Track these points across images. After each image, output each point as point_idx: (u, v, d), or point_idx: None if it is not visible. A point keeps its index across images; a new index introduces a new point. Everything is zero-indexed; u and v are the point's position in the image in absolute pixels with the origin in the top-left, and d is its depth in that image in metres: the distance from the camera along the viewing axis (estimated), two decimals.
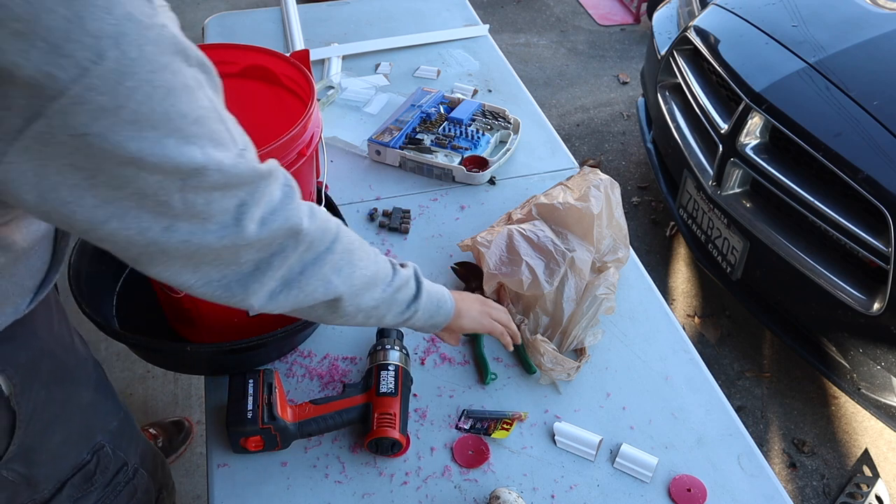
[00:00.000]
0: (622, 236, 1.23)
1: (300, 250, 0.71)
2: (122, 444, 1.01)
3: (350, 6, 2.09)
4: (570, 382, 1.08)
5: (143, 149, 0.53)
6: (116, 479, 1.00)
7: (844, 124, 1.67)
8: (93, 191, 0.54)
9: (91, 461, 0.95)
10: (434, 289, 0.92)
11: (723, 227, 1.96)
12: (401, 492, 0.94)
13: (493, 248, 1.15)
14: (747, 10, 2.11)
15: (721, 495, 0.95)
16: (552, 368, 1.05)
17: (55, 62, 0.47)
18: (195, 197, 0.59)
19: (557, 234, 1.16)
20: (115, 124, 0.51)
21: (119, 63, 0.49)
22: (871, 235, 1.57)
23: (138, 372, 2.02)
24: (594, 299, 1.11)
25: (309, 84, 1.03)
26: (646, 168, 2.90)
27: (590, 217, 1.16)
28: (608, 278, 1.13)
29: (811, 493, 1.85)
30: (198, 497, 1.75)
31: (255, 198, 0.64)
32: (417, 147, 1.47)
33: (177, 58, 0.54)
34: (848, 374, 1.74)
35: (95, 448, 0.95)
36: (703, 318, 2.30)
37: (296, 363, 1.09)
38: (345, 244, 0.77)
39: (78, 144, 0.50)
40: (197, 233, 0.61)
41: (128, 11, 0.49)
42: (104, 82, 0.49)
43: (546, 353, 1.05)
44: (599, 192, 1.20)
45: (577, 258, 1.12)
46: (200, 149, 0.57)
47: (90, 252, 1.08)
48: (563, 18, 4.04)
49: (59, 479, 0.90)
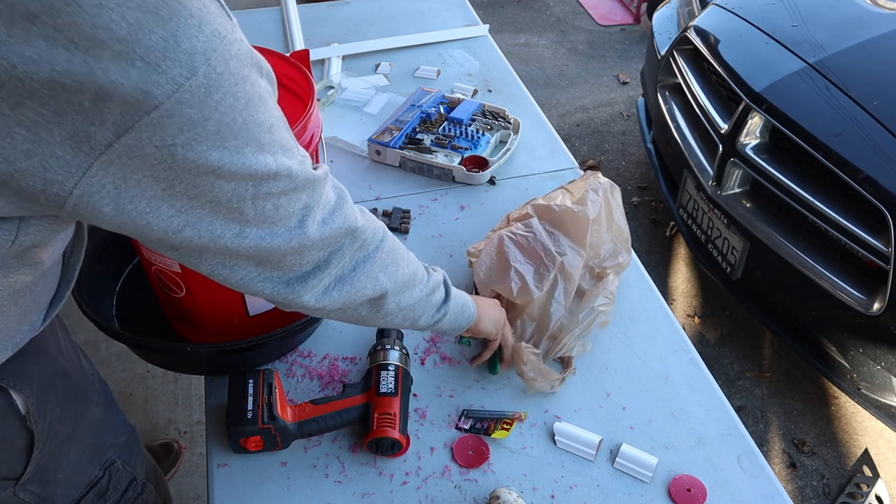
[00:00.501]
0: (623, 240, 1.21)
1: (355, 248, 0.75)
2: (130, 459, 1.01)
3: (350, 6, 2.10)
4: (570, 382, 1.08)
5: (222, 157, 0.55)
6: (127, 495, 1.00)
7: (844, 124, 1.67)
8: (170, 200, 0.56)
9: (103, 477, 0.95)
10: (458, 293, 0.96)
11: (723, 227, 1.96)
12: (401, 492, 0.94)
13: (483, 257, 1.15)
14: (747, 10, 2.11)
15: (721, 495, 0.95)
16: (534, 379, 1.03)
17: (153, 80, 0.48)
18: (265, 203, 0.62)
19: (550, 235, 1.15)
20: (199, 135, 0.52)
21: (208, 77, 0.51)
22: (871, 235, 1.57)
23: (138, 372, 2.02)
24: (591, 311, 1.09)
25: (309, 84, 1.03)
26: (646, 168, 2.90)
27: (585, 221, 1.14)
28: (608, 286, 1.12)
29: (811, 493, 1.85)
30: (198, 497, 1.75)
31: (315, 200, 0.68)
32: (417, 147, 1.47)
33: (253, 70, 0.57)
34: (848, 374, 1.74)
35: (107, 464, 0.95)
36: (703, 318, 2.30)
37: (296, 363, 1.09)
38: (390, 243, 0.81)
39: (162, 156, 0.52)
40: (266, 237, 0.64)
41: (215, 28, 0.51)
42: (194, 96, 0.50)
43: (529, 362, 1.02)
44: (598, 196, 1.18)
45: (568, 263, 1.11)
46: (273, 156, 0.59)
47: (90, 252, 1.08)
48: (563, 18, 4.04)
49: (74, 498, 0.90)
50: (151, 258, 0.97)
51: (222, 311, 1.02)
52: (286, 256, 0.68)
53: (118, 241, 1.11)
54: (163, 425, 1.92)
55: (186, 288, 0.98)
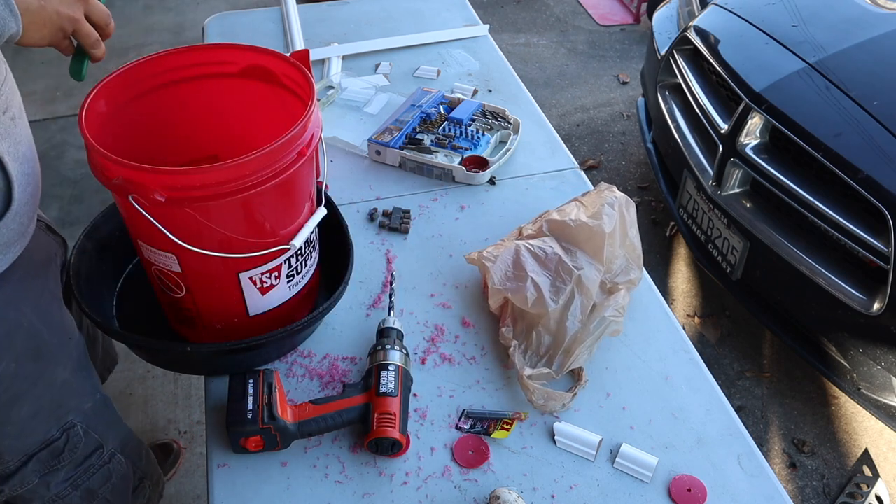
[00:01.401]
0: (636, 257, 1.19)
1: None
2: (97, 427, 1.01)
3: (350, 6, 2.09)
4: (571, 383, 1.08)
5: None
6: (90, 460, 1.01)
7: (844, 124, 1.67)
8: None
9: (60, 438, 0.95)
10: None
11: (723, 227, 1.96)
12: (401, 492, 0.94)
13: (498, 263, 1.13)
14: (747, 10, 2.11)
15: (721, 495, 0.95)
16: (544, 405, 1.02)
17: None
18: None
19: (567, 252, 1.14)
20: None
21: None
22: (871, 235, 1.57)
23: (138, 372, 2.02)
24: (602, 320, 1.08)
25: (309, 84, 1.03)
26: (646, 168, 2.90)
27: (601, 235, 1.13)
28: (618, 301, 1.10)
29: (811, 493, 1.85)
30: (198, 497, 1.76)
31: None
32: (417, 147, 1.47)
33: None
34: (848, 374, 1.74)
35: (66, 426, 0.96)
36: (703, 318, 2.30)
37: (296, 363, 1.09)
38: None
39: None
40: None
41: None
42: None
43: (535, 391, 1.02)
44: (614, 210, 1.17)
45: (585, 277, 1.10)
46: None
47: (90, 252, 1.08)
48: (563, 18, 4.04)
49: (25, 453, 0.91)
50: (151, 258, 0.97)
51: (222, 311, 1.02)
52: None
53: (118, 241, 1.11)
54: (163, 425, 1.92)
55: (186, 288, 0.98)
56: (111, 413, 1.08)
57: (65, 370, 0.94)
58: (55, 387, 0.93)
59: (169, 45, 3.64)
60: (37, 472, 0.93)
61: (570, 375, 1.09)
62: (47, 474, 0.95)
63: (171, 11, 3.95)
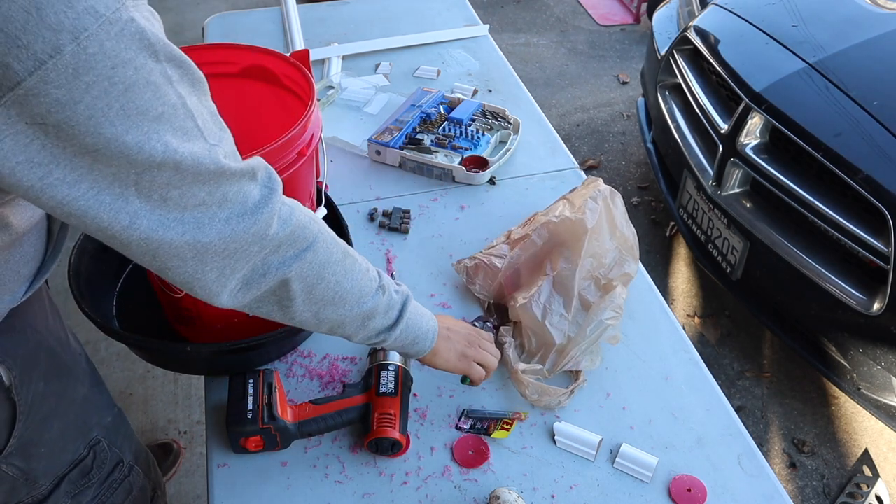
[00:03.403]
0: (628, 248, 1.16)
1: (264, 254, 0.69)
2: (116, 441, 1.01)
3: (350, 6, 2.09)
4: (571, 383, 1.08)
5: (97, 143, 0.52)
6: (113, 475, 1.00)
7: (844, 124, 1.67)
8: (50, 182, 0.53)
9: (88, 456, 0.95)
10: (417, 323, 0.89)
11: (723, 227, 1.96)
12: (401, 492, 0.94)
13: (479, 279, 1.16)
14: (747, 10, 2.11)
15: (721, 495, 0.95)
16: (538, 399, 1.02)
17: (12, 53, 0.46)
18: (150, 192, 0.58)
19: (550, 250, 1.13)
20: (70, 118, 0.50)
21: (76, 58, 0.48)
22: (871, 235, 1.57)
23: (138, 372, 2.02)
24: (599, 324, 1.06)
25: (309, 84, 1.03)
26: (646, 168, 2.90)
27: (582, 230, 1.11)
28: (615, 300, 1.08)
29: (811, 493, 1.85)
30: (198, 497, 1.75)
31: (217, 197, 0.62)
32: (417, 147, 1.47)
33: (143, 53, 0.53)
34: (848, 374, 1.74)
35: (91, 443, 0.96)
36: (703, 318, 2.30)
37: (296, 363, 1.09)
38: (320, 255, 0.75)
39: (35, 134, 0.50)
40: (157, 229, 0.60)
41: (90, 5, 0.49)
42: (60, 76, 0.48)
43: (529, 385, 1.01)
44: (597, 203, 1.13)
45: (562, 275, 1.09)
46: (158, 144, 0.55)
47: (90, 252, 1.08)
48: (563, 18, 4.04)
49: (57, 475, 0.91)
50: None
51: (222, 311, 1.02)
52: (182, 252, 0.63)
53: None
54: (163, 425, 1.92)
55: None
56: (127, 426, 1.08)
57: (83, 385, 0.94)
58: (77, 403, 0.92)
59: None
60: (68, 493, 0.93)
61: (569, 375, 1.09)
62: (77, 494, 0.94)
63: (171, 11, 3.95)
